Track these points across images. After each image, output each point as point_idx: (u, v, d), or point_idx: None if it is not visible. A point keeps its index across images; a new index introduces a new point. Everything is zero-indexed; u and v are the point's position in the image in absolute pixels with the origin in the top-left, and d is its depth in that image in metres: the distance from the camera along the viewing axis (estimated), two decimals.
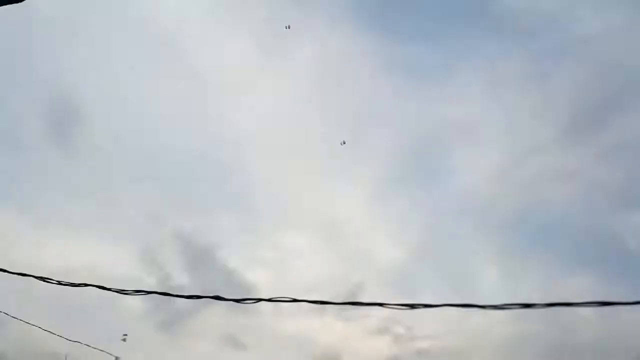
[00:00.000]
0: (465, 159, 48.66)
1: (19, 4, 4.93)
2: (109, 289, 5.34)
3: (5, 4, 4.97)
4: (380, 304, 5.39)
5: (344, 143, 35.04)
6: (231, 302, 6.47)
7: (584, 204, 44.25)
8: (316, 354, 39.86)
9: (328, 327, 41.78)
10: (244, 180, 50.88)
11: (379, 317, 40.18)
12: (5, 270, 6.04)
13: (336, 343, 41.62)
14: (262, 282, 42.54)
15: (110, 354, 22.06)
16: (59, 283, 5.88)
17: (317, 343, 41.30)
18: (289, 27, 37.02)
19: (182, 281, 38.97)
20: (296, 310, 40.10)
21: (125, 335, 29.15)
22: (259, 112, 53.07)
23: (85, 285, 5.47)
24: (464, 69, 50.95)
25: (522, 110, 48.86)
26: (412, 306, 5.22)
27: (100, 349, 19.39)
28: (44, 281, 5.90)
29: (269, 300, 5.61)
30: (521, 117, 49.29)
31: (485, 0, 50.54)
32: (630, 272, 36.36)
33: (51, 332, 13.54)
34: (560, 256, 42.49)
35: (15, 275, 6.07)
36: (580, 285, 37.39)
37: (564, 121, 47.28)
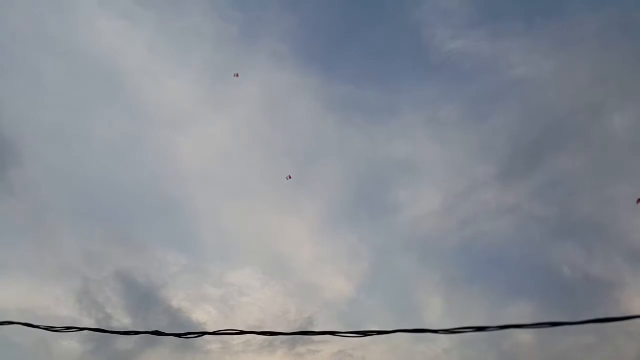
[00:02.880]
0: (409, 195, 49.84)
1: None
2: (36, 326, 4.80)
3: None
4: (332, 333, 5.18)
5: (290, 178, 34.97)
6: (174, 340, 6.06)
7: (522, 236, 46.19)
8: None
9: None
10: (187, 217, 49.58)
11: (330, 351, 39.59)
12: None
13: None
14: (208, 320, 41.06)
15: None
16: None
17: None
18: (237, 75, 37.24)
19: (124, 322, 37.03)
20: (245, 346, 38.83)
21: None
22: (204, 148, 52.38)
23: (9, 322, 4.88)
24: (405, 109, 52.85)
25: (462, 149, 50.98)
26: (365, 333, 5.05)
27: None
28: None
29: (214, 333, 5.25)
30: (461, 156, 51.35)
31: (426, 46, 53.18)
32: (566, 298, 38.44)
33: None
34: (502, 285, 43.89)
35: None
36: (521, 313, 38.71)
37: (502, 159, 49.69)
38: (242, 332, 5.25)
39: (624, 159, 44.81)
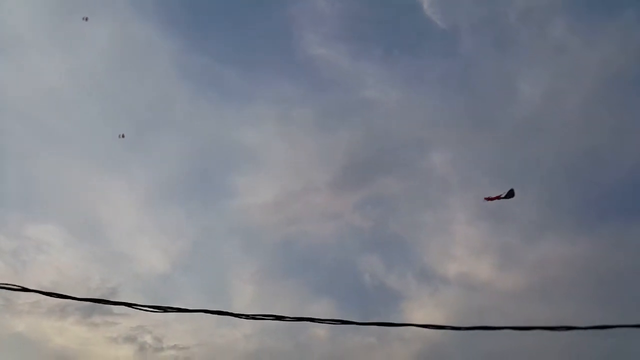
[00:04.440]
0: (246, 183, 50.22)
1: None
2: None
3: None
4: (129, 304, 4.94)
5: (123, 136, 32.37)
6: None
7: (338, 242, 49.89)
8: (47, 356, 35.35)
9: (67, 331, 37.60)
10: None
11: (129, 325, 37.76)
12: None
13: (74, 348, 37.61)
14: None
15: None
16: None
17: (50, 346, 36.86)
18: (87, 19, 33.81)
19: None
20: (32, 307, 35.31)
21: None
22: (30, 82, 46.04)
23: None
24: (261, 99, 53.20)
25: (306, 152, 53.17)
26: (165, 309, 4.92)
27: None
28: None
29: None
30: (303, 158, 53.49)
31: (293, 44, 54.23)
32: (362, 302, 42.87)
33: None
34: (311, 283, 46.86)
35: None
36: (323, 310, 41.78)
37: (338, 170, 52.99)
38: (25, 290, 4.71)
39: (434, 193, 51.35)
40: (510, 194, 27.28)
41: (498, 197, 27.42)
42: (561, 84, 47.65)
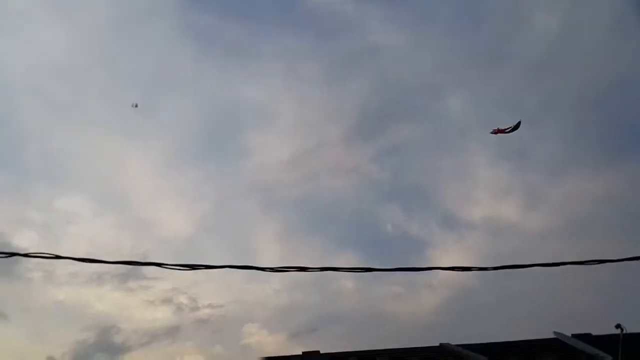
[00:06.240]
0: (259, 142, 50.43)
1: None
2: None
3: None
4: (159, 264, 5.10)
5: (136, 106, 32.48)
6: None
7: (357, 196, 50.21)
8: (90, 324, 37.11)
9: (106, 297, 39.30)
10: (8, 132, 43.80)
11: (163, 288, 39.27)
12: None
13: (114, 313, 39.49)
14: (30, 247, 37.51)
15: None
16: None
17: (92, 313, 38.77)
18: None
19: None
20: (71, 278, 36.71)
21: None
22: (35, 57, 46.07)
23: None
24: (266, 56, 52.51)
25: (316, 107, 52.79)
26: (192, 267, 5.07)
27: None
28: None
29: (26, 255, 4.81)
30: (314, 114, 53.19)
31: None
32: (386, 252, 43.55)
33: None
34: (335, 237, 47.62)
35: None
36: (349, 262, 42.50)
37: (350, 123, 52.63)
38: (58, 257, 4.89)
39: (451, 137, 50.76)
40: (517, 126, 26.88)
41: (503, 131, 26.83)
42: (579, 11, 45.68)
